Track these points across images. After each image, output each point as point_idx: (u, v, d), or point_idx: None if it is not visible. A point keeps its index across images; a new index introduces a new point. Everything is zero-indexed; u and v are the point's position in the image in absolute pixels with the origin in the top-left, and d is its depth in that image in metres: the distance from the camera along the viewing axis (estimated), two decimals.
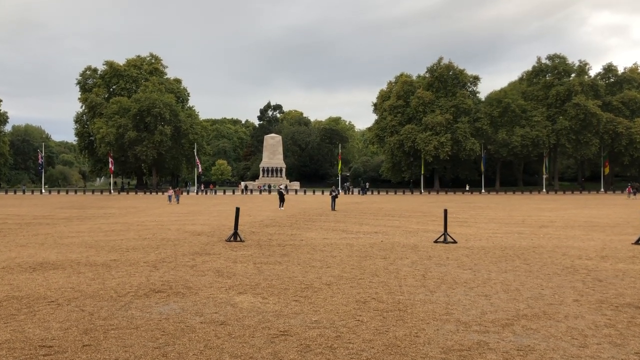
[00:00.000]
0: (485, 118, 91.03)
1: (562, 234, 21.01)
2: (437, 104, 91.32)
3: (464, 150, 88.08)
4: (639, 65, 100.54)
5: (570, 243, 17.57)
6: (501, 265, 12.41)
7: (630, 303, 8.29)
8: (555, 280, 10.37)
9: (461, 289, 9.57)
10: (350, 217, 31.44)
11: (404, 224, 26.28)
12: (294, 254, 14.40)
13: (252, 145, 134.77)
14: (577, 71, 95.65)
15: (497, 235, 20.30)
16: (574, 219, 29.99)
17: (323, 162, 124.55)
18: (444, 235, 17.71)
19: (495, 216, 32.85)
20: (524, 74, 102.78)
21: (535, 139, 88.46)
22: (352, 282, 10.31)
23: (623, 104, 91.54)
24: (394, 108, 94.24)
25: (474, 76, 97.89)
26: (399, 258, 13.70)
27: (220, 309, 8.06)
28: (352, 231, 22.06)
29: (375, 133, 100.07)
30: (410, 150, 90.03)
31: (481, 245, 16.96)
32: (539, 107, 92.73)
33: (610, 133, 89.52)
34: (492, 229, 23.81)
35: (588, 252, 15.07)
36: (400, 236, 19.95)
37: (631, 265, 12.43)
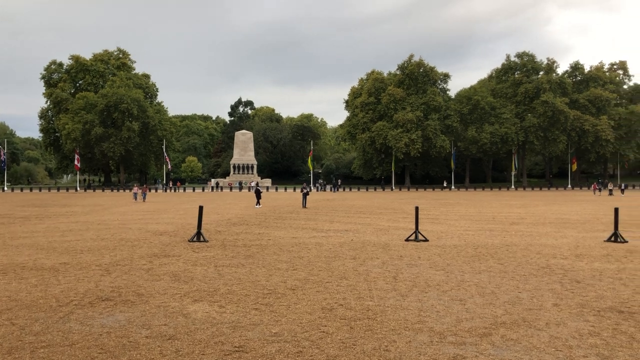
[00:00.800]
0: (455, 115, 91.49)
1: (534, 231, 20.75)
2: (408, 101, 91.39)
3: (434, 147, 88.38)
4: (604, 64, 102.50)
5: (543, 241, 17.25)
6: (475, 265, 11.91)
7: (612, 307, 7.81)
8: (532, 282, 9.89)
9: (434, 293, 8.99)
10: (321, 214, 30.81)
11: (375, 221, 25.77)
12: (259, 255, 13.66)
13: (223, 142, 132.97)
14: (545, 69, 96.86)
15: (469, 233, 19.92)
16: (544, 216, 29.95)
17: (295, 159, 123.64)
18: (416, 233, 17.20)
19: (465, 213, 32.64)
20: (493, 71, 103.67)
21: (504, 136, 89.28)
22: (319, 286, 9.63)
23: (589, 102, 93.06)
24: (365, 105, 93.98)
25: (444, 74, 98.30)
26: (369, 258, 13.10)
27: (171, 320, 7.29)
28: (323, 229, 21.42)
29: (346, 130, 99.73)
30: (381, 147, 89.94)
31: (453, 243, 16.50)
32: (508, 104, 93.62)
33: (577, 130, 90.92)
34: (463, 226, 23.46)
35: (562, 250, 14.72)
36: (371, 234, 19.39)
37: (607, 264, 12.07)
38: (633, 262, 12.37)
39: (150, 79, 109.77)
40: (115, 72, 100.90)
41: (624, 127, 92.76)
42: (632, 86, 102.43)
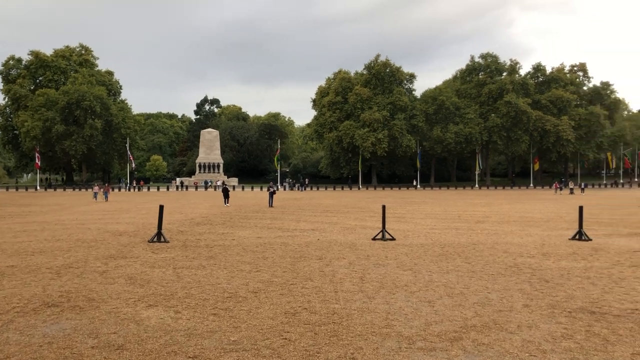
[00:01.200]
0: (420, 115, 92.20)
1: (499, 230, 20.78)
2: (375, 100, 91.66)
3: (400, 147, 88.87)
4: (565, 66, 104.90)
5: (509, 239, 17.23)
6: (442, 265, 11.69)
7: (583, 307, 7.63)
8: (501, 282, 9.69)
9: (402, 294, 8.69)
10: (287, 213, 30.37)
11: (342, 220, 25.49)
12: (221, 256, 13.15)
13: (189, 141, 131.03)
14: (508, 70, 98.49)
15: (435, 232, 19.80)
16: (509, 214, 30.19)
17: (262, 158, 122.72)
18: (383, 232, 16.95)
19: (431, 211, 32.69)
20: (458, 72, 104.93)
21: (469, 136, 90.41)
22: (283, 288, 9.21)
23: (551, 103, 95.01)
24: (332, 104, 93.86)
25: (410, 74, 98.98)
26: (335, 258, 12.74)
27: (122, 327, 6.77)
28: (289, 229, 21.00)
29: (314, 129, 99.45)
30: (348, 146, 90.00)
31: (420, 242, 16.30)
32: (472, 104, 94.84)
33: (539, 130, 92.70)
34: (429, 224, 23.38)
35: (528, 248, 14.67)
36: (337, 233, 19.07)
37: (574, 262, 12.01)
38: (599, 260, 12.35)
39: (114, 76, 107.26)
40: (77, 69, 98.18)
41: (584, 127, 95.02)
42: (592, 88, 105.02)
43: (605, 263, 11.85)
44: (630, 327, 6.60)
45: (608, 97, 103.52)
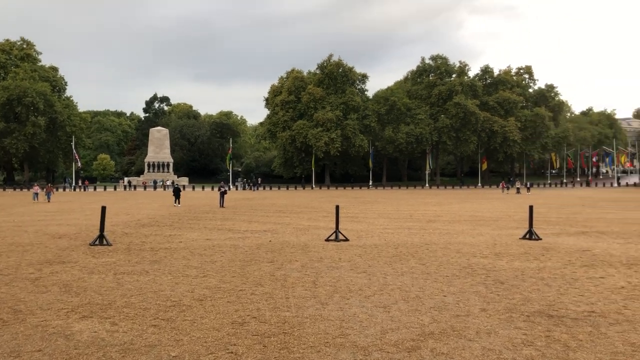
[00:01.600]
0: (373, 115, 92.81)
1: (451, 229, 20.83)
2: (328, 100, 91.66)
3: (353, 147, 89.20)
4: (512, 68, 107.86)
5: (461, 239, 17.22)
6: (397, 267, 11.43)
7: (540, 311, 7.47)
8: (456, 284, 9.48)
9: (356, 299, 8.33)
10: (239, 214, 29.71)
11: (295, 221, 25.07)
12: (167, 260, 12.48)
13: (137, 139, 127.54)
14: (457, 72, 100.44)
15: (388, 232, 19.65)
16: (459, 213, 30.51)
17: (213, 157, 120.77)
18: (336, 232, 16.62)
19: (384, 211, 32.72)
20: (409, 73, 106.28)
21: (419, 136, 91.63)
22: (231, 295, 8.69)
23: (498, 104, 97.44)
24: (285, 103, 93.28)
25: (363, 74, 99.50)
26: (287, 261, 12.29)
27: (49, 343, 6.11)
28: (240, 230, 20.41)
29: (267, 128, 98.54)
30: (301, 145, 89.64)
31: (373, 242, 16.06)
32: (422, 105, 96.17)
33: (487, 131, 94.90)
34: (382, 224, 23.26)
35: (480, 248, 14.64)
36: (290, 234, 18.63)
37: (526, 263, 11.98)
38: (551, 260, 12.38)
39: (59, 72, 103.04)
40: (19, 64, 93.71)
41: (530, 128, 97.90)
42: (537, 90, 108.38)
43: (557, 263, 11.87)
44: (589, 332, 6.45)
45: (552, 99, 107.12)
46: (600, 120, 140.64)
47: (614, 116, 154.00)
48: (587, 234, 18.91)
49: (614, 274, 10.30)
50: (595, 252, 13.81)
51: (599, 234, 19.13)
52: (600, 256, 12.95)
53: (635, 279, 9.83)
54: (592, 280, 9.75)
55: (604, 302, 7.98)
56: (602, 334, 6.33)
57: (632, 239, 17.11)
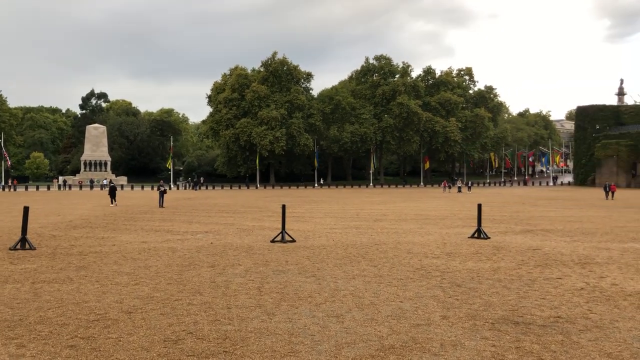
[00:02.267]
0: (318, 114, 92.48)
1: (399, 228, 20.47)
2: (272, 98, 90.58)
3: (298, 146, 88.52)
4: (453, 70, 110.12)
5: (410, 238, 16.81)
6: (347, 269, 10.76)
7: (505, 317, 6.94)
8: (412, 288, 8.89)
9: (306, 307, 7.57)
10: (179, 214, 28.41)
11: (239, 221, 24.09)
12: (95, 266, 11.31)
13: (73, 137, 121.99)
14: (400, 72, 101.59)
15: (336, 231, 19.04)
16: (405, 212, 30.37)
17: (154, 156, 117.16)
18: (282, 233, 15.82)
19: (330, 210, 32.20)
20: (353, 73, 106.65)
21: (364, 136, 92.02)
22: (165, 305, 7.73)
23: (440, 105, 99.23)
24: (229, 101, 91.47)
25: (307, 73, 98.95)
26: (230, 265, 11.39)
27: None
28: (179, 231, 19.28)
29: (209, 126, 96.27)
30: (245, 144, 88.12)
31: (321, 243, 15.38)
32: (367, 105, 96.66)
33: (429, 131, 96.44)
34: (329, 224, 22.66)
35: (431, 248, 14.22)
36: (233, 236, 17.68)
37: (480, 263, 11.59)
38: (504, 260, 12.06)
39: None
40: None
41: (470, 128, 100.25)
42: (477, 91, 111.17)
43: (510, 263, 11.54)
44: (561, 341, 5.96)
45: (492, 100, 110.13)
46: (536, 122, 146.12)
47: (549, 118, 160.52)
48: (533, 232, 18.94)
49: (570, 274, 10.01)
50: (546, 250, 13.65)
51: (545, 232, 19.21)
52: (552, 255, 12.76)
53: (592, 279, 9.56)
54: (550, 281, 9.40)
55: (567, 305, 7.57)
56: (575, 343, 5.85)
57: (577, 237, 17.20)
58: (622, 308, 7.38)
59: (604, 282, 9.29)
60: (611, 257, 12.51)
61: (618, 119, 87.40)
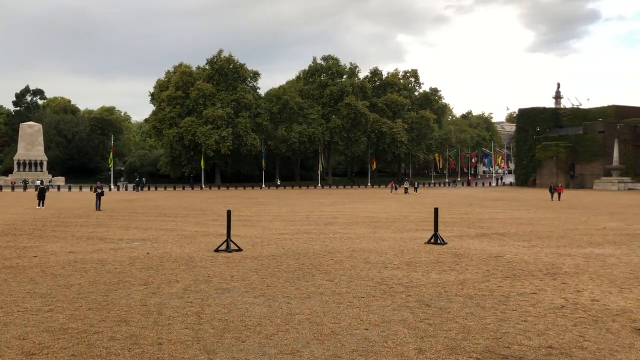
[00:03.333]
0: (265, 114, 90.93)
1: (351, 233, 19.51)
2: (218, 97, 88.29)
3: (245, 145, 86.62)
4: (399, 71, 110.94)
5: (364, 244, 15.84)
6: (301, 285, 9.60)
7: (489, 349, 5.94)
8: (376, 309, 7.81)
9: (255, 340, 6.35)
10: (116, 218, 26.48)
11: (181, 226, 22.54)
12: (4, 286, 9.62)
13: (6, 135, 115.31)
14: (348, 73, 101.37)
15: (285, 237, 17.85)
16: (355, 214, 29.57)
17: (93, 155, 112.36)
18: (227, 242, 14.48)
19: (278, 213, 31.00)
20: (301, 72, 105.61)
21: (312, 136, 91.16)
22: (80, 342, 6.29)
23: (387, 106, 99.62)
24: (172, 99, 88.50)
25: (254, 71, 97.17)
26: (166, 282, 10.00)
27: None
28: (113, 239, 17.60)
29: (152, 125, 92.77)
30: (190, 143, 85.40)
31: (271, 252, 14.15)
32: (315, 105, 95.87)
33: (376, 132, 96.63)
34: (278, 228, 21.47)
35: (389, 256, 13.26)
36: (173, 244, 16.19)
37: (444, 275, 10.68)
38: (468, 270, 11.19)
39: None
40: None
41: (416, 130, 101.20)
42: (422, 93, 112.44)
43: (476, 274, 10.67)
44: None
45: (436, 102, 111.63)
46: (478, 123, 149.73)
47: (490, 120, 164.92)
48: (489, 237, 18.38)
49: (544, 288, 9.21)
50: (508, 258, 12.94)
51: (500, 235, 18.69)
52: (516, 264, 12.03)
53: (569, 294, 8.79)
54: (525, 297, 8.54)
55: (554, 330, 6.67)
56: None
57: (535, 242, 16.71)
58: (615, 333, 6.56)
59: (583, 297, 8.52)
60: (577, 265, 11.90)
61: (557, 122, 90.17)
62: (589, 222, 24.89)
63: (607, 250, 14.72)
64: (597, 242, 16.54)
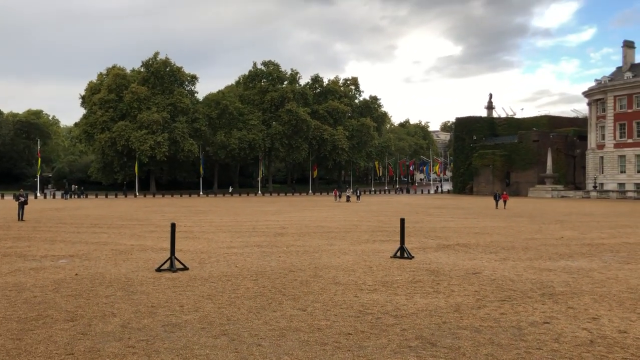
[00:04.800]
0: (203, 119, 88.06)
1: (307, 245, 17.98)
2: (154, 100, 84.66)
3: (182, 151, 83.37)
4: (340, 79, 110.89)
5: (326, 260, 14.34)
6: (269, 317, 7.95)
7: None
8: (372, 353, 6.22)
9: None
10: (41, 230, 23.76)
11: (115, 239, 20.26)
12: None
13: None
14: (289, 79, 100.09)
15: (235, 252, 16.09)
16: (304, 224, 28.10)
17: (18, 161, 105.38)
18: (171, 259, 12.58)
19: (222, 223, 29.03)
20: (241, 77, 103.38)
21: (252, 142, 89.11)
22: None
23: (328, 113, 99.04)
24: (105, 102, 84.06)
25: (192, 75, 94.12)
26: (99, 316, 8.08)
27: None
28: (36, 256, 15.25)
29: (83, 129, 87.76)
30: (123, 149, 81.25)
31: (222, 271, 12.38)
32: (255, 111, 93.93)
33: (317, 139, 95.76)
34: (225, 241, 19.63)
35: (358, 274, 11.80)
36: (107, 261, 14.10)
37: (431, 299, 9.30)
38: (455, 292, 9.86)
39: None
40: None
41: (356, 137, 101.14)
42: (362, 101, 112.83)
43: (466, 297, 9.36)
44: None
45: (376, 110, 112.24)
46: (416, 132, 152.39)
47: (427, 128, 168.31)
48: (451, 248, 17.33)
49: (554, 316, 7.99)
50: (488, 275, 11.77)
51: (462, 247, 17.68)
52: (502, 282, 10.85)
53: (587, 323, 7.58)
54: (540, 329, 7.26)
55: None
56: None
57: (502, 254, 15.75)
58: None
59: (606, 327, 7.34)
60: (567, 283, 10.86)
61: (493, 130, 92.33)
62: (543, 231, 24.49)
63: (582, 263, 13.92)
64: (566, 254, 15.78)
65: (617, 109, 74.48)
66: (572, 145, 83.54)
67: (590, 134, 79.02)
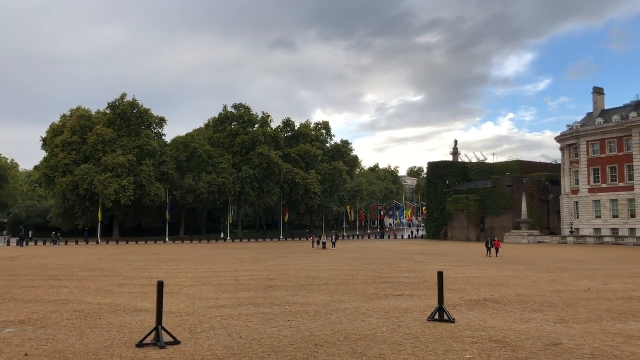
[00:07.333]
0: (171, 162, 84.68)
1: (312, 303, 15.27)
2: (120, 143, 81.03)
3: (148, 195, 79.39)
4: (311, 123, 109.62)
5: (350, 326, 11.65)
6: None
7: None
8: None
9: None
10: None
11: (78, 295, 17.12)
12: None
13: None
14: (260, 122, 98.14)
15: (230, 315, 13.20)
16: (291, 274, 25.39)
17: None
18: (157, 331, 9.62)
19: (198, 274, 25.96)
20: (211, 120, 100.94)
21: (222, 186, 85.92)
22: None
23: (300, 157, 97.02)
24: (67, 144, 79.90)
25: (160, 117, 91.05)
26: None
27: None
28: None
29: (43, 172, 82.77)
30: (86, 193, 76.77)
31: (226, 346, 9.54)
32: (225, 154, 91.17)
33: (289, 183, 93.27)
34: (210, 297, 16.71)
35: (411, 351, 9.15)
36: (68, 330, 11.06)
37: None
38: None
39: None
40: None
41: (329, 181, 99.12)
42: (334, 145, 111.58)
43: None
44: None
45: (348, 154, 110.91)
46: (386, 177, 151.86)
47: (397, 173, 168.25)
48: (482, 305, 14.89)
49: None
50: (568, 347, 9.28)
51: (493, 303, 15.25)
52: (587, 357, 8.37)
53: None
54: None
55: None
56: None
57: (552, 314, 13.37)
58: None
59: None
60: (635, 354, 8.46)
61: (465, 175, 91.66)
62: (558, 281, 22.34)
63: None
64: (621, 312, 13.48)
65: (590, 154, 74.72)
66: (545, 190, 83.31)
67: (564, 179, 78.91)
